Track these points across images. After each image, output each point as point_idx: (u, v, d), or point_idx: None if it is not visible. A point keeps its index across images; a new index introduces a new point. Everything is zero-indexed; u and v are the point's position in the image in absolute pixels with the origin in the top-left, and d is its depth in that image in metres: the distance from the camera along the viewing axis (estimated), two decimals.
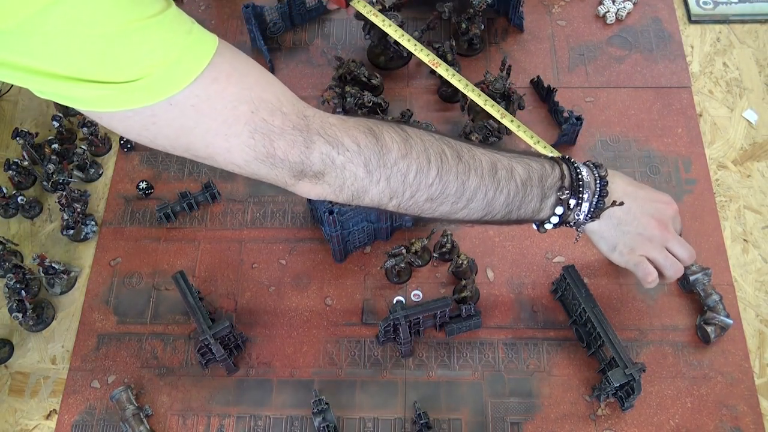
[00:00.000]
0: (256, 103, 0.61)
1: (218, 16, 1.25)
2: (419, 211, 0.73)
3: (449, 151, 0.71)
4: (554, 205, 0.77)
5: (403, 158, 0.68)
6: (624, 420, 0.89)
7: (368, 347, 0.95)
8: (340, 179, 0.66)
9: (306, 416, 0.90)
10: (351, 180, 0.67)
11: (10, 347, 0.97)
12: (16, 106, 1.18)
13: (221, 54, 0.59)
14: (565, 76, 1.16)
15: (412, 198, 0.70)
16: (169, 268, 1.01)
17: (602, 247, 0.83)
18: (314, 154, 0.64)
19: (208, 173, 1.09)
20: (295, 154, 0.63)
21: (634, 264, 0.82)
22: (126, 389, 0.91)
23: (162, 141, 0.61)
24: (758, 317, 0.96)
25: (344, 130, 0.66)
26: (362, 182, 0.67)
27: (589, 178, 0.78)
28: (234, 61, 0.61)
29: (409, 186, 0.69)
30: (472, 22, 1.14)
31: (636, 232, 0.81)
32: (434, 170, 0.70)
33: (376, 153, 0.67)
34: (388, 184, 0.68)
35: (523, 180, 0.75)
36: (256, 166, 0.63)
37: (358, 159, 0.66)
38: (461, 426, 0.90)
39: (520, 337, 0.95)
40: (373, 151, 0.67)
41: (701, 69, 1.16)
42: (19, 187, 1.09)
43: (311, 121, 0.65)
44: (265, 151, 0.61)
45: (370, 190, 0.68)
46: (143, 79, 0.54)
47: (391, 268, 0.98)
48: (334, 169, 0.65)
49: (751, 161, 1.07)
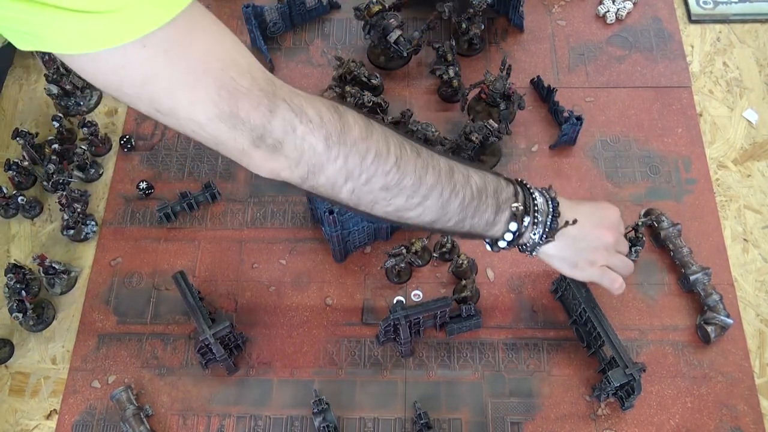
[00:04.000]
0: (227, 61, 0.60)
1: (218, 16, 1.22)
2: (373, 201, 0.71)
3: (409, 146, 0.71)
4: (508, 220, 0.77)
5: (364, 140, 0.67)
6: (624, 420, 0.89)
7: (368, 347, 0.95)
8: (298, 151, 0.65)
9: (306, 416, 0.90)
10: (309, 153, 0.65)
11: (11, 347, 0.97)
12: (16, 106, 1.18)
13: (200, 7, 0.60)
14: (565, 76, 1.16)
15: (368, 183, 0.69)
16: (169, 268, 1.01)
17: (563, 268, 0.84)
18: (277, 119, 0.63)
19: (208, 173, 1.09)
20: (258, 117, 0.62)
21: (599, 276, 0.85)
22: (126, 389, 0.91)
23: (128, 89, 0.59)
24: (758, 317, 0.96)
25: (309, 102, 0.66)
26: (320, 157, 0.66)
27: (542, 199, 0.79)
28: (211, 19, 0.62)
29: (366, 169, 0.68)
30: (472, 22, 1.14)
31: (592, 246, 0.83)
32: (393, 158, 0.69)
33: (338, 129, 0.66)
34: (345, 163, 0.67)
35: (479, 188, 0.74)
36: (217, 126, 0.61)
37: (319, 131, 0.65)
38: (461, 426, 0.90)
39: (520, 337, 0.95)
40: (335, 126, 0.66)
41: (701, 69, 1.16)
42: (20, 187, 1.09)
43: (278, 88, 0.64)
44: (228, 110, 0.60)
45: (327, 168, 0.66)
46: (120, 12, 0.53)
47: (391, 268, 0.98)
48: (294, 138, 0.64)
49: (751, 161, 1.07)
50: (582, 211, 0.82)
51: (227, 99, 0.60)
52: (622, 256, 0.87)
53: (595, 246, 0.83)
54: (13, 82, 1.20)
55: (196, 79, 0.59)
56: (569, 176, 1.06)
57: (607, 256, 0.84)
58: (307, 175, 0.67)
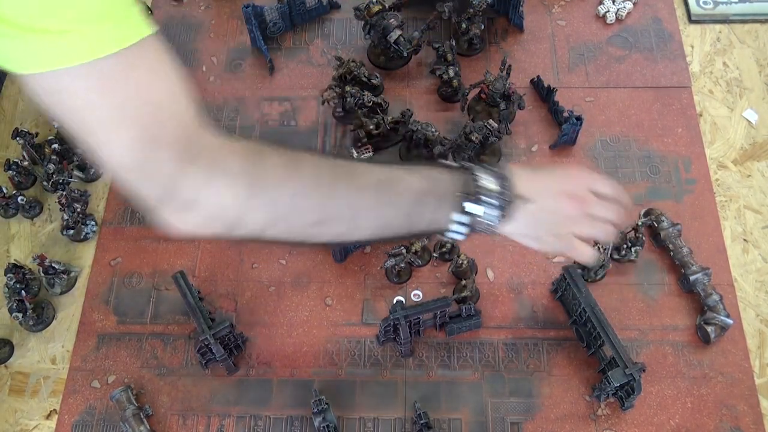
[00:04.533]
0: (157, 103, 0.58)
1: (218, 16, 1.25)
2: (310, 236, 0.69)
3: (342, 171, 0.69)
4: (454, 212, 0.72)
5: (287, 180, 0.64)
6: (624, 420, 0.89)
7: (368, 347, 0.95)
8: (212, 208, 0.62)
9: (306, 416, 0.90)
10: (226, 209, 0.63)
11: (10, 347, 0.97)
12: (16, 106, 1.18)
13: (155, 45, 0.57)
14: (565, 76, 1.16)
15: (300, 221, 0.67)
16: (169, 268, 1.01)
17: (528, 243, 0.78)
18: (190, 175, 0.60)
19: None
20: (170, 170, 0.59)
21: (565, 247, 0.79)
22: (126, 389, 0.91)
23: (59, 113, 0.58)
24: (758, 317, 0.96)
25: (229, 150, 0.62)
26: (239, 210, 0.63)
27: (488, 180, 0.73)
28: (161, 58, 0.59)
29: (293, 210, 0.65)
30: (472, 22, 1.14)
31: (552, 218, 0.77)
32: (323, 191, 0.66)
33: (257, 177, 0.63)
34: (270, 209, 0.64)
35: (418, 190, 0.71)
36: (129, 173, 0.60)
37: (236, 182, 0.62)
38: (461, 426, 0.90)
39: (520, 337, 0.95)
40: (253, 175, 0.63)
41: (701, 69, 1.16)
42: (19, 187, 1.09)
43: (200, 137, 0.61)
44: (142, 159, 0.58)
45: (249, 218, 0.64)
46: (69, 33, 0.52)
47: (391, 268, 0.98)
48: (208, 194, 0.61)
49: (751, 161, 1.07)
50: (539, 183, 0.77)
51: (142, 148, 0.58)
52: (597, 222, 0.78)
53: (556, 219, 0.77)
54: (13, 82, 1.20)
55: (119, 120, 0.57)
56: None
57: (571, 224, 0.77)
58: (228, 230, 0.64)
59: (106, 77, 0.55)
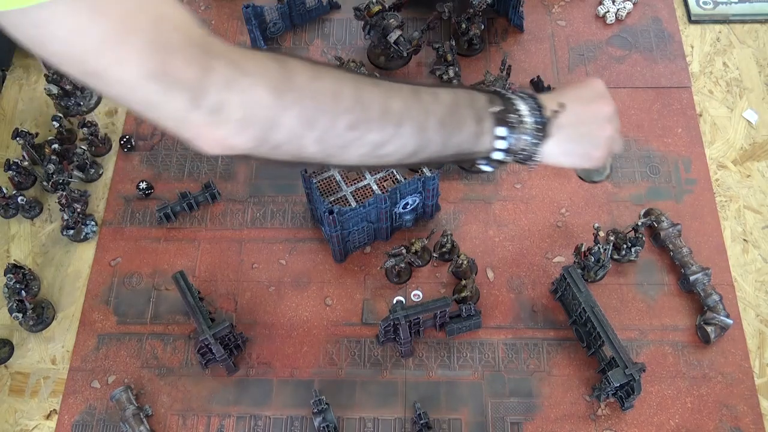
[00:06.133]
0: (158, 16, 0.55)
1: (218, 16, 1.25)
2: (343, 145, 0.65)
3: (366, 79, 0.66)
4: (493, 125, 0.69)
5: (314, 80, 0.62)
6: (624, 420, 0.89)
7: (368, 347, 0.95)
8: (243, 108, 0.58)
9: (306, 416, 0.90)
10: (257, 108, 0.59)
11: (10, 347, 0.97)
12: (16, 106, 1.18)
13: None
14: (565, 76, 1.16)
15: (333, 126, 0.63)
16: (169, 268, 1.01)
17: (575, 162, 0.76)
18: (214, 74, 0.57)
19: (208, 173, 1.09)
20: (192, 73, 0.56)
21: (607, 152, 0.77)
22: (126, 389, 0.91)
23: (55, 47, 0.55)
24: (758, 317, 0.96)
25: (248, 55, 0.60)
26: (270, 109, 0.59)
27: (519, 99, 0.71)
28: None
29: (325, 111, 0.62)
30: (472, 22, 1.14)
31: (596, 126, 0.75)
32: (350, 92, 0.63)
33: (283, 75, 0.60)
34: (302, 110, 0.61)
35: (452, 102, 0.68)
36: (147, 86, 0.56)
37: (263, 81, 0.59)
38: (461, 426, 0.90)
39: (520, 337, 0.95)
40: (280, 72, 0.60)
41: (701, 69, 1.16)
42: (19, 187, 1.09)
43: (213, 43, 0.58)
44: (158, 68, 0.55)
45: (282, 120, 0.60)
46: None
47: (391, 268, 0.98)
48: (236, 93, 0.58)
49: (751, 161, 1.07)
50: (566, 95, 0.74)
51: (157, 56, 0.54)
52: None
53: (600, 123, 0.75)
54: (13, 82, 1.20)
55: (123, 35, 0.54)
56: (569, 176, 1.06)
57: (609, 127, 0.76)
58: (262, 135, 0.60)
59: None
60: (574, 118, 0.73)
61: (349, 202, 0.94)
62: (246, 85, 0.58)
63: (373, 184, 0.96)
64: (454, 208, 1.05)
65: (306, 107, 0.61)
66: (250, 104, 0.59)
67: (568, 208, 1.04)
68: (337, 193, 0.95)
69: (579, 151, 0.75)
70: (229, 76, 0.57)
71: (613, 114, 0.76)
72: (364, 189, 0.96)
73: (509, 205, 1.04)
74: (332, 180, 0.96)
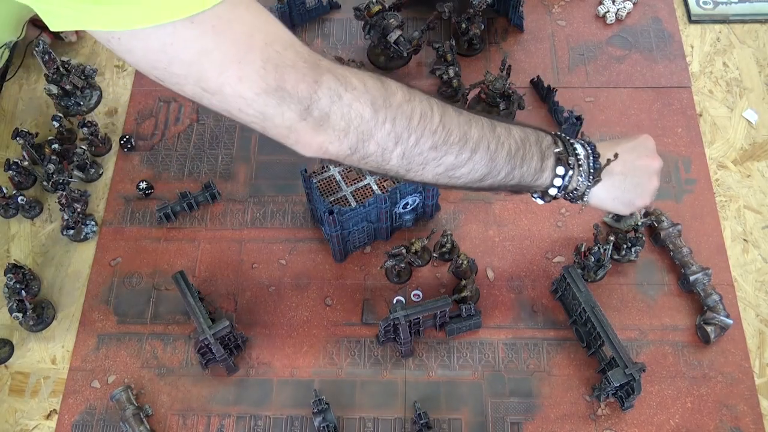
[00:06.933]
0: (270, 36, 0.62)
1: None
2: (423, 163, 0.72)
3: (450, 106, 0.73)
4: (554, 165, 0.79)
5: (408, 102, 0.69)
6: (624, 420, 0.89)
7: (368, 347, 0.95)
8: (345, 119, 0.65)
9: (306, 416, 0.90)
10: (357, 121, 0.66)
11: (10, 347, 0.97)
12: (16, 106, 1.18)
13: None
14: (565, 76, 1.16)
15: (417, 144, 0.70)
16: (169, 268, 1.01)
17: (617, 208, 0.86)
18: (323, 88, 0.64)
19: (208, 173, 1.09)
20: (304, 88, 0.62)
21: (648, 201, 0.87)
22: (126, 389, 0.91)
23: (177, 68, 0.61)
24: (758, 317, 0.96)
25: (352, 72, 0.67)
26: (368, 123, 0.66)
27: (579, 144, 0.81)
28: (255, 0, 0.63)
29: (414, 130, 0.69)
30: (472, 22, 1.14)
31: (645, 178, 0.85)
32: (437, 116, 0.70)
33: (382, 94, 0.67)
34: (394, 127, 0.68)
35: (522, 138, 0.77)
36: (264, 101, 0.62)
37: (365, 97, 0.66)
38: (461, 426, 0.90)
39: (520, 337, 0.95)
40: (379, 91, 0.67)
41: (701, 69, 1.16)
42: (20, 187, 1.09)
43: (321, 60, 0.65)
44: (275, 83, 0.61)
45: (376, 133, 0.67)
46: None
47: (391, 268, 0.98)
48: (341, 106, 0.65)
49: (751, 161, 1.07)
50: (621, 147, 0.83)
51: (273, 73, 0.61)
52: None
53: (648, 176, 0.85)
54: (13, 82, 1.20)
55: (242, 54, 0.60)
56: None
57: (656, 180, 0.86)
58: (357, 144, 0.67)
59: (216, 21, 0.58)
60: (626, 167, 0.83)
61: (349, 202, 0.94)
62: (350, 99, 0.65)
63: (373, 184, 0.96)
64: (454, 208, 1.05)
65: (398, 125, 0.68)
66: (352, 117, 0.66)
67: (568, 208, 1.04)
68: (337, 193, 0.95)
69: (625, 198, 0.85)
70: (336, 90, 0.64)
71: (660, 169, 0.86)
72: (364, 189, 0.96)
73: (509, 205, 1.04)
74: (332, 180, 0.96)
